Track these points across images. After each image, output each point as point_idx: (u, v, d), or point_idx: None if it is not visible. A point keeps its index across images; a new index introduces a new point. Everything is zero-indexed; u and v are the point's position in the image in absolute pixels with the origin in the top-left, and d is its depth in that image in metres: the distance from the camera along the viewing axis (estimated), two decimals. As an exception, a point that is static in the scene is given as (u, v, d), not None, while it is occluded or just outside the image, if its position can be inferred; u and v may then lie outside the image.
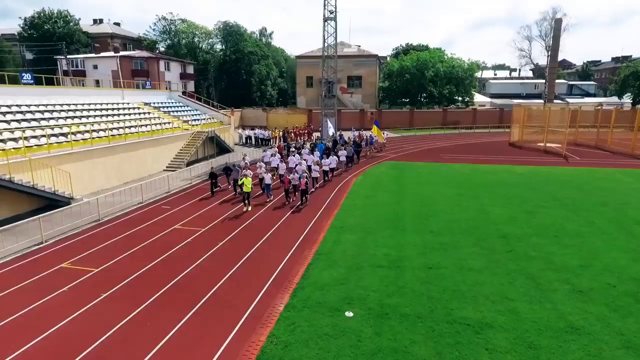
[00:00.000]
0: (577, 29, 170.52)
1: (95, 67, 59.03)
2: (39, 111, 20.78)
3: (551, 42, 67.13)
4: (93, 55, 61.43)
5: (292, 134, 36.87)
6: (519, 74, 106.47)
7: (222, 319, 8.60)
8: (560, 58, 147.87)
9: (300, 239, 13.34)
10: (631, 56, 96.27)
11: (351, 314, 8.63)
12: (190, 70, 67.56)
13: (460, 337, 7.82)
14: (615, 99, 69.76)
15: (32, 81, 21.51)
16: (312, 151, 24.75)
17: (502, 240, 13.18)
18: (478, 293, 9.56)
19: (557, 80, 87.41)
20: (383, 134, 34.56)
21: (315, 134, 39.01)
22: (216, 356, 7.35)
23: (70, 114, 22.39)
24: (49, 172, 15.91)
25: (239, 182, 17.24)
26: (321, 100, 47.11)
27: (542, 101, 73.48)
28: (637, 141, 33.28)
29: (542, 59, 71.95)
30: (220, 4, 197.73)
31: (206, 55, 75.54)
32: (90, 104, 25.02)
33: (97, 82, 52.23)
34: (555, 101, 77.61)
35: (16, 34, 70.71)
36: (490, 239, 13.24)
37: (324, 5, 37.63)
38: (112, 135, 21.76)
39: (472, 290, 9.72)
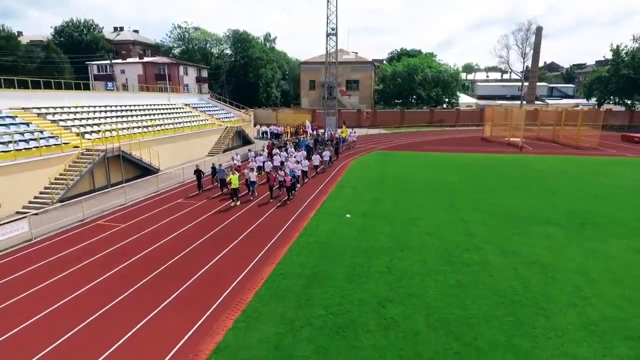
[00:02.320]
0: (574, 31, 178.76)
1: (123, 71, 66.47)
2: (121, 110, 28.55)
3: (527, 49, 75.15)
4: (120, 61, 68.91)
5: (302, 130, 44.61)
6: (510, 77, 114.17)
7: (285, 216, 16.35)
8: (549, 61, 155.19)
9: (315, 193, 20.99)
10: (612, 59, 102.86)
11: (349, 216, 16.44)
12: (204, 74, 75.16)
13: (405, 223, 15.58)
14: (592, 100, 76.25)
15: (113, 88, 29.18)
16: (295, 148, 27.95)
17: (446, 192, 20.91)
18: (420, 210, 17.33)
19: (538, 83, 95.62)
20: (351, 133, 39.17)
21: (320, 130, 46.50)
22: (284, 227, 15.08)
23: (140, 111, 30.15)
24: (146, 151, 23.62)
25: (227, 180, 19.29)
26: (323, 102, 54.90)
27: (524, 102, 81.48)
28: (580, 135, 41.24)
29: (523, 65, 79.42)
30: (220, 3, 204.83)
31: (217, 60, 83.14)
32: (149, 104, 32.80)
33: (125, 86, 59.73)
34: (536, 102, 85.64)
35: (43, 40, 77.29)
36: (439, 192, 20.97)
37: (327, 23, 45.53)
38: (174, 128, 29.50)
39: (417, 209, 17.48)
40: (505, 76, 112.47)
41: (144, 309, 9.37)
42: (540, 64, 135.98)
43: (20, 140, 18.38)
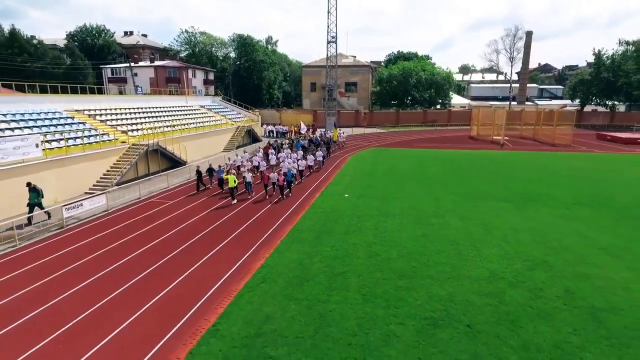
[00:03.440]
0: (574, 31, 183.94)
1: (136, 74, 70.80)
2: (150, 111, 32.94)
3: (515, 54, 79.66)
4: (133, 64, 73.11)
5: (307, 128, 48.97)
6: (505, 77, 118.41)
7: (294, 198, 20.74)
8: (543, 62, 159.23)
9: (319, 181, 25.39)
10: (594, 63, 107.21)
11: (347, 195, 20.88)
12: (211, 76, 79.51)
13: (390, 200, 19.99)
14: (577, 101, 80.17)
15: (142, 92, 33.52)
16: (290, 148, 30.58)
17: (427, 179, 25.36)
18: (404, 192, 21.74)
19: (529, 85, 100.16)
20: (340, 134, 42.73)
21: (320, 130, 50.89)
22: (295, 204, 19.48)
23: (166, 112, 34.56)
24: (176, 146, 28.02)
25: (224, 178, 20.89)
26: (324, 103, 59.31)
27: (514, 103, 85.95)
28: (556, 134, 45.77)
29: (514, 68, 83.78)
30: (219, 3, 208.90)
31: (222, 63, 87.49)
32: (171, 106, 37.19)
33: (137, 88, 63.94)
34: (527, 103, 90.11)
35: (56, 44, 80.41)
36: (422, 179, 25.41)
37: (327, 32, 50.06)
38: (196, 127, 33.91)
39: (401, 191, 21.91)
40: (501, 77, 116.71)
41: (209, 247, 13.79)
42: (535, 65, 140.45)
43: (83, 137, 22.75)
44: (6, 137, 17.83)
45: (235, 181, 19.96)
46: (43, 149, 18.84)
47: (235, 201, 20.03)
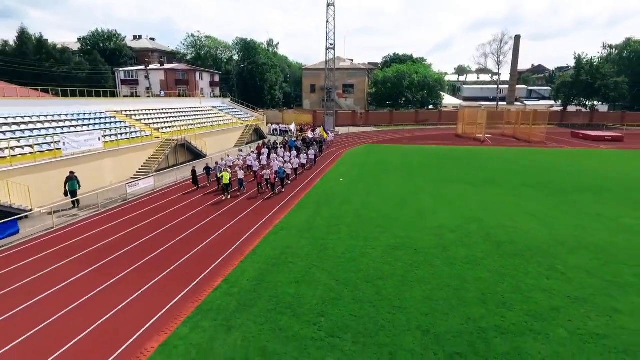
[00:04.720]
0: (573, 31, 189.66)
1: (147, 77, 75.65)
2: (172, 111, 37.96)
3: (502, 58, 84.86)
4: (144, 67, 77.95)
5: (306, 128, 53.98)
6: (499, 79, 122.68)
7: (298, 183, 25.74)
8: (537, 64, 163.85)
9: (319, 170, 30.37)
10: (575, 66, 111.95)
11: (342, 180, 25.92)
12: (216, 78, 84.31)
13: (376, 185, 25.01)
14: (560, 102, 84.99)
15: (164, 95, 38.47)
16: (284, 147, 33.06)
17: (410, 169, 30.39)
18: (389, 178, 26.75)
19: (519, 86, 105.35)
20: (329, 133, 46.40)
21: (319, 129, 55.80)
22: (300, 187, 24.49)
23: (185, 112, 39.57)
24: (198, 142, 33.00)
25: (218, 176, 22.44)
26: (323, 103, 64.33)
27: (503, 103, 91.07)
28: (532, 132, 50.86)
29: (503, 71, 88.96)
30: (220, 3, 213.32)
31: (227, 65, 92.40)
32: (189, 107, 42.21)
33: (148, 90, 68.65)
34: (516, 103, 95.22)
35: (69, 48, 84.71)
36: (405, 169, 30.43)
37: (326, 39, 55.13)
38: (212, 125, 38.94)
39: (387, 178, 26.92)
40: (495, 78, 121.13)
41: (237, 214, 18.82)
42: (528, 66, 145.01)
43: (128, 133, 27.77)
44: (79, 132, 22.82)
45: (229, 178, 21.70)
46: (103, 142, 23.82)
47: (229, 197, 21.60)
